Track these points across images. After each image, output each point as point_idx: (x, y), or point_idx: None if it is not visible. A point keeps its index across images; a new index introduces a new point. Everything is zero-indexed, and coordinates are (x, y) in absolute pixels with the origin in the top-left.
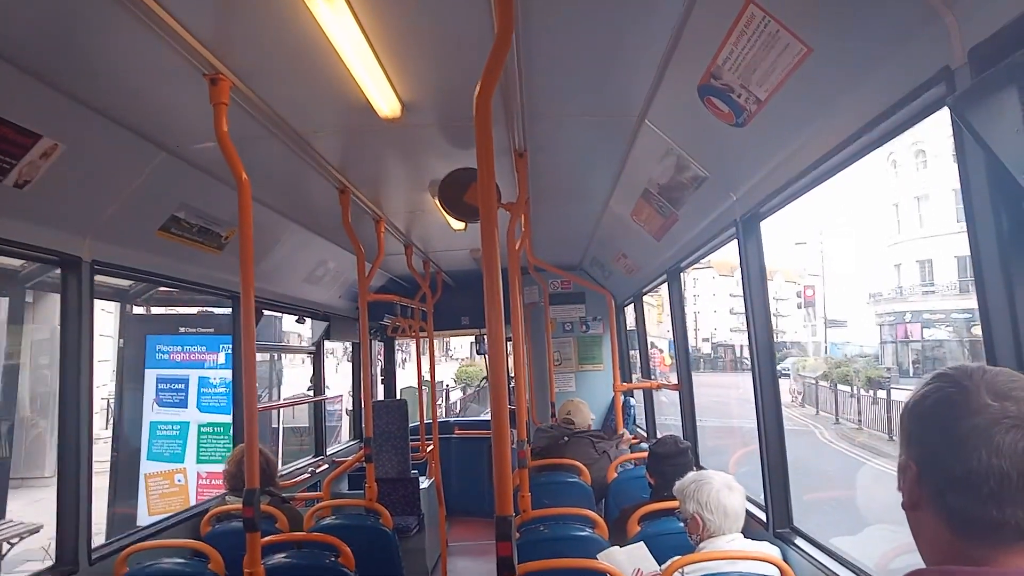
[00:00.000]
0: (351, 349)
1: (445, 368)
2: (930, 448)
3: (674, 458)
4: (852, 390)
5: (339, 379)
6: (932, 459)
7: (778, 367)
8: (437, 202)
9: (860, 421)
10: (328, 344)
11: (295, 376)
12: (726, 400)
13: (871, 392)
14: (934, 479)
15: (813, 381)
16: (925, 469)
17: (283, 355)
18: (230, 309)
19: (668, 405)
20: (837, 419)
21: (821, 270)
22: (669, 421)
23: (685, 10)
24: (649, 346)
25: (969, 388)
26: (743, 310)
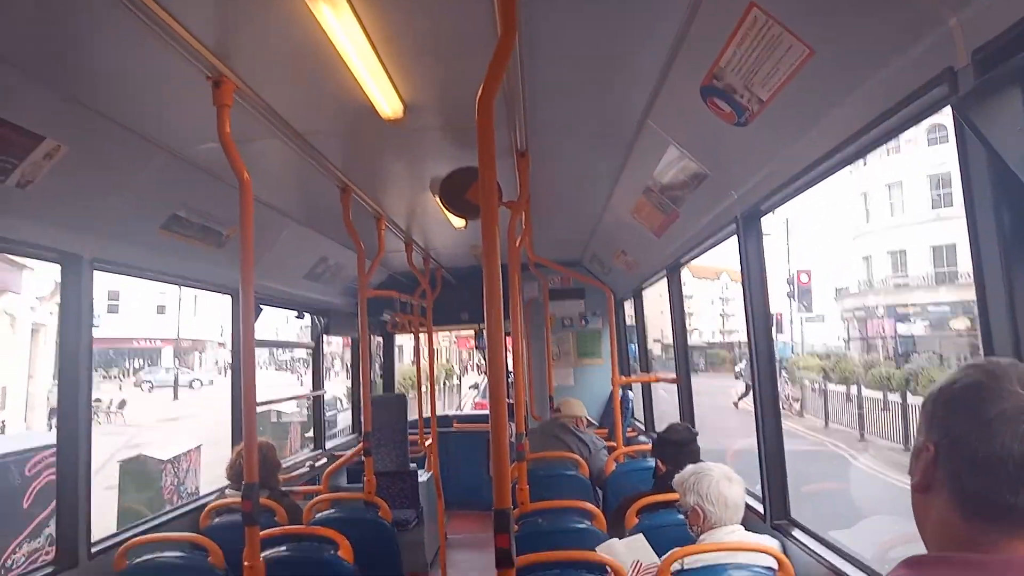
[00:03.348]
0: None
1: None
2: (953, 430)
3: (688, 445)
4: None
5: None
6: (953, 441)
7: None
8: (438, 200)
9: (907, 439)
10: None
11: None
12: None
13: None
14: (952, 461)
15: (815, 384)
16: (944, 451)
17: None
18: None
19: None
20: (863, 435)
21: (787, 262)
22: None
23: (689, 12)
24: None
25: (1000, 376)
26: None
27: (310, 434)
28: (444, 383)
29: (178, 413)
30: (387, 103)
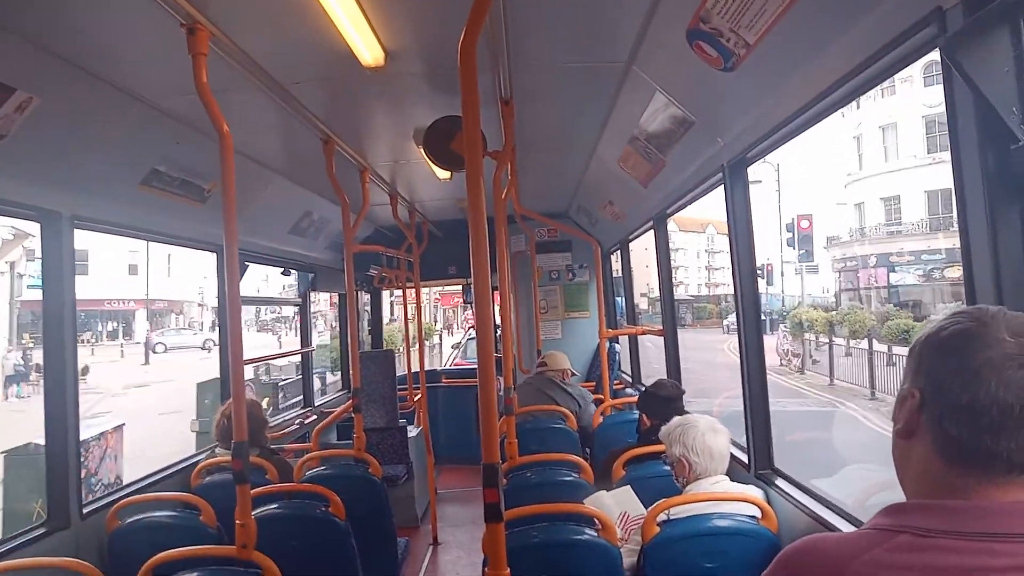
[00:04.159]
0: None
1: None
2: (940, 376)
3: (676, 401)
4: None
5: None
6: (939, 387)
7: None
8: (422, 151)
9: None
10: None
11: None
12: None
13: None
14: (936, 406)
15: (814, 338)
16: (929, 397)
17: None
18: None
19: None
20: (874, 392)
21: (778, 210)
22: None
23: None
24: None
25: (988, 324)
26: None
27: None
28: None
29: (152, 378)
30: (367, 50)
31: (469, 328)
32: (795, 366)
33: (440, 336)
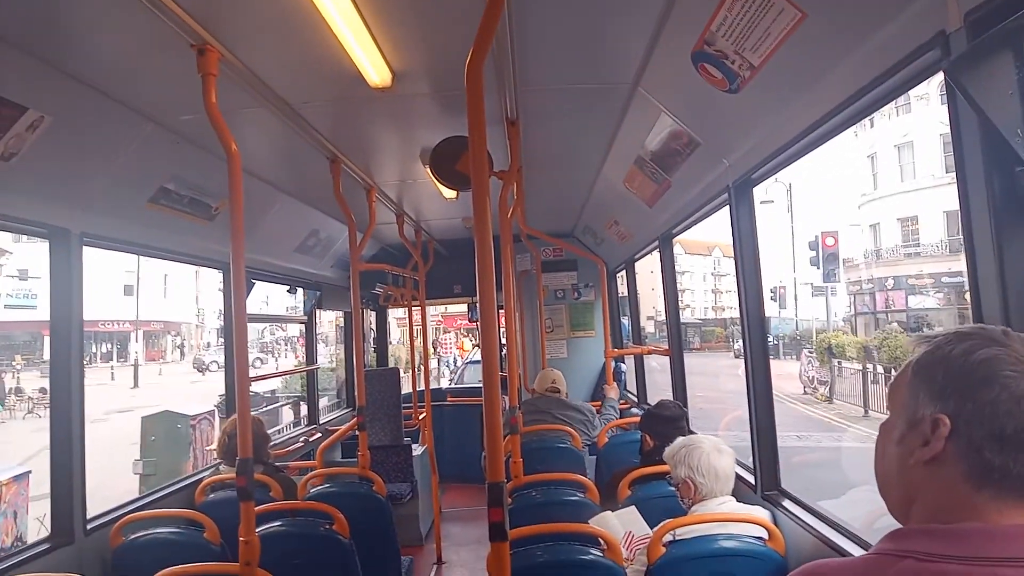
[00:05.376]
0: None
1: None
2: (977, 404)
3: (678, 421)
4: None
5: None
6: (978, 415)
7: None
8: (428, 170)
9: None
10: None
11: None
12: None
13: None
14: (975, 434)
15: (840, 364)
16: (963, 424)
17: None
18: None
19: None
20: None
21: (791, 229)
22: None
23: None
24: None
25: (1009, 345)
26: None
27: None
28: (420, 368)
29: (139, 402)
30: (375, 71)
31: (474, 347)
32: (822, 395)
33: (438, 361)
